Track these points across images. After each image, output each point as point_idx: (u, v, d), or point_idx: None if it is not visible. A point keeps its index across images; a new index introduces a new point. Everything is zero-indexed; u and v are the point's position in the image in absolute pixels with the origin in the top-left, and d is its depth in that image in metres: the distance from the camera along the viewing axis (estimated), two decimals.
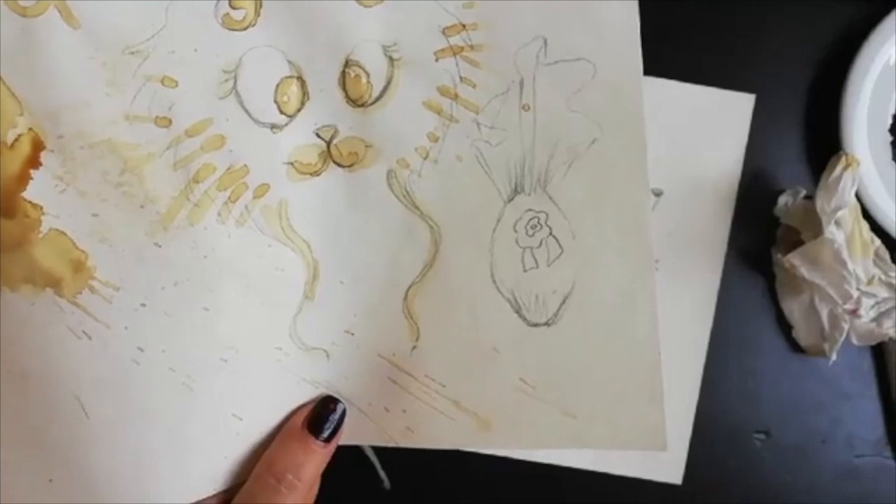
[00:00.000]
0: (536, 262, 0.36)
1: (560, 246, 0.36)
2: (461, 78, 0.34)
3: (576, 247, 0.35)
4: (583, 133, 0.35)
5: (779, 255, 0.46)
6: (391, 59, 0.34)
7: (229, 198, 0.34)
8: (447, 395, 0.37)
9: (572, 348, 0.36)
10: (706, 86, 0.49)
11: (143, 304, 0.34)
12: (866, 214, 0.47)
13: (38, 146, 0.32)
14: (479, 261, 0.35)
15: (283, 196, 0.35)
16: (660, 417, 0.36)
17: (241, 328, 0.35)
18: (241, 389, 0.36)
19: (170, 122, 0.33)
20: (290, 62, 0.34)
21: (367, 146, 0.35)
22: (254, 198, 0.34)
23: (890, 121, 0.50)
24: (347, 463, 0.46)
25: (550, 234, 0.35)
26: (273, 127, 0.34)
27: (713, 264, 0.49)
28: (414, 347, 0.37)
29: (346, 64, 0.34)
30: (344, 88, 0.34)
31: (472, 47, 0.34)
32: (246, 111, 0.34)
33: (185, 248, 0.34)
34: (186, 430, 0.35)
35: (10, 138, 0.32)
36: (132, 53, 0.32)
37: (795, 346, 0.49)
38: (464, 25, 0.34)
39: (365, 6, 0.33)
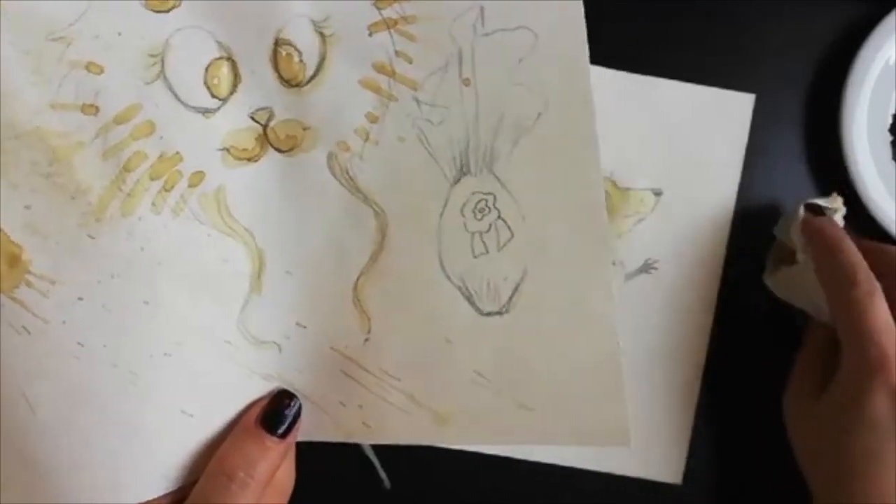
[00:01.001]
0: (486, 247, 0.34)
1: (510, 229, 0.33)
2: (397, 52, 0.32)
3: (526, 230, 0.33)
4: (527, 107, 0.32)
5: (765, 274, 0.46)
6: (323, 36, 0.32)
7: (163, 187, 0.33)
8: (402, 388, 0.35)
9: (526, 338, 0.34)
10: (706, 86, 0.49)
11: (81, 298, 0.33)
12: (866, 214, 0.48)
13: None
14: (428, 247, 0.34)
15: (221, 183, 0.33)
16: (622, 412, 0.33)
17: (186, 322, 0.34)
18: (190, 385, 0.34)
19: (97, 109, 0.32)
20: (218, 42, 0.32)
21: (304, 129, 0.33)
22: (189, 186, 0.33)
23: (890, 120, 0.49)
24: (347, 463, 0.46)
25: (499, 216, 0.33)
26: (205, 111, 0.33)
27: (713, 264, 0.49)
28: (366, 339, 0.35)
29: (277, 42, 0.32)
30: (276, 69, 0.33)
31: (405, 19, 0.32)
32: (175, 96, 0.32)
33: (120, 240, 0.33)
34: (135, 428, 0.34)
35: None
36: (55, 40, 0.31)
37: (796, 346, 0.47)
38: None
39: None
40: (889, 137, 0.50)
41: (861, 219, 0.48)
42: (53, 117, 0.32)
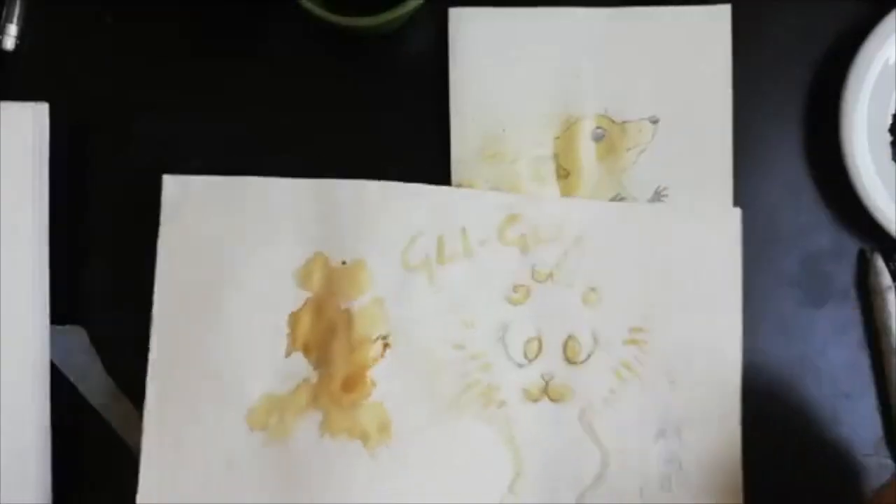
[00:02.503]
0: (671, 484, 0.52)
1: (684, 477, 0.52)
2: (635, 358, 0.53)
3: (695, 480, 0.52)
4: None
5: None
6: (596, 341, 0.54)
7: (483, 404, 0.52)
8: None
9: None
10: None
11: (413, 466, 0.51)
12: (866, 214, 0.49)
13: (387, 344, 0.52)
14: (631, 479, 0.52)
15: (514, 412, 0.53)
16: None
17: (463, 494, 0.52)
18: None
19: (463, 348, 0.53)
20: (536, 327, 0.53)
21: (570, 390, 0.54)
22: (496, 407, 0.53)
23: (889, 120, 0.49)
24: None
25: (680, 467, 0.53)
26: (519, 365, 0.53)
27: (722, 183, 0.50)
28: None
29: (570, 337, 0.54)
30: (564, 351, 0.53)
31: (645, 342, 0.53)
32: (506, 352, 0.53)
33: (449, 433, 0.52)
34: None
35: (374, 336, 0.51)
36: (455, 304, 0.52)
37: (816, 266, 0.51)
38: (641, 328, 0.53)
39: (587, 307, 0.53)
40: (888, 138, 0.48)
41: (860, 219, 0.49)
42: (441, 347, 0.53)
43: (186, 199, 0.51)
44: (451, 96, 0.52)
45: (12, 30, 0.53)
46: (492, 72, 0.53)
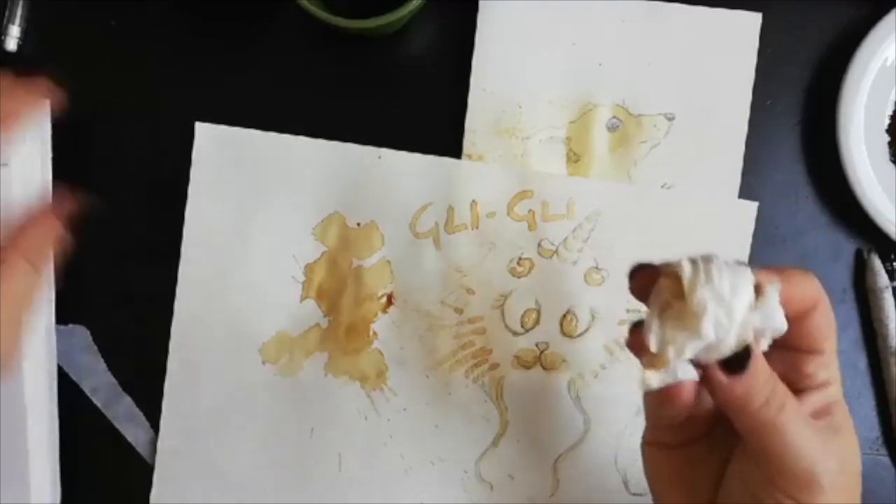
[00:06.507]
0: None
1: None
2: None
3: None
4: None
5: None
6: (593, 317, 0.56)
7: (475, 364, 0.56)
8: None
9: None
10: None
11: (405, 410, 0.56)
12: (864, 214, 0.48)
13: (390, 301, 0.56)
14: (608, 448, 0.55)
15: (505, 374, 0.56)
16: None
17: (450, 448, 0.56)
18: (437, 487, 0.56)
19: (461, 311, 0.56)
20: (536, 300, 0.56)
21: (562, 360, 0.57)
22: (489, 369, 0.56)
23: (887, 121, 0.49)
24: None
25: None
26: (514, 333, 0.56)
27: (729, 186, 0.51)
28: (552, 495, 0.56)
29: (568, 311, 0.56)
30: (561, 324, 0.56)
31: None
32: (503, 319, 0.56)
33: (441, 385, 0.56)
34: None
35: (380, 294, 0.56)
36: (458, 271, 0.55)
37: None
38: (638, 310, 0.55)
39: (590, 286, 0.56)
40: (886, 138, 0.48)
41: (858, 219, 0.49)
42: (439, 308, 0.56)
43: (216, 148, 0.56)
44: (472, 69, 0.54)
45: (14, 31, 0.53)
46: (516, 49, 0.54)
